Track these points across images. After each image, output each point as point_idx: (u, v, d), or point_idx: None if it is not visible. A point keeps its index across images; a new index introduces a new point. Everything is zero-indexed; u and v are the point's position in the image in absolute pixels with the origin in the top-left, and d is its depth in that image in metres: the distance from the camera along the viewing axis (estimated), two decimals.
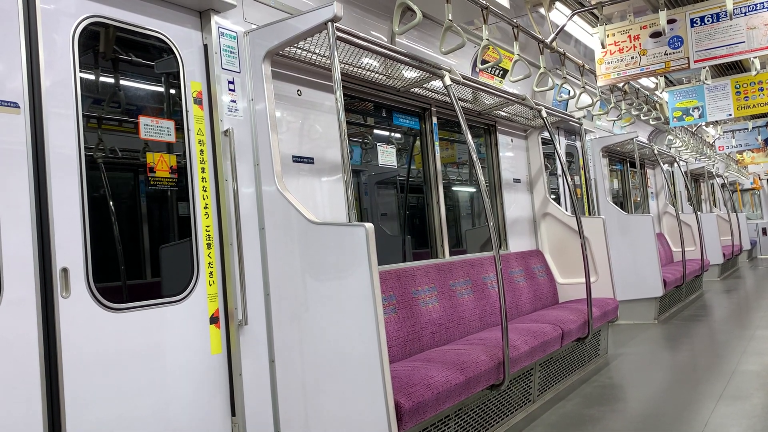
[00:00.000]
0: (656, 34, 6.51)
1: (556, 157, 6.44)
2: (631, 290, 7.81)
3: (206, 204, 3.23)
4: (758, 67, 8.26)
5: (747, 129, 13.35)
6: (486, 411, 3.99)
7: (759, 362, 5.36)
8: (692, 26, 6.36)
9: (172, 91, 3.26)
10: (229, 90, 3.38)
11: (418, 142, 5.40)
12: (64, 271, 2.60)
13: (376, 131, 5.71)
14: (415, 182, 5.80)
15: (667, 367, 5.51)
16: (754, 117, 13.00)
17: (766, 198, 18.85)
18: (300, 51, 3.68)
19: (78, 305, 2.63)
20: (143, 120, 3.06)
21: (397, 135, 5.76)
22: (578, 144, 8.41)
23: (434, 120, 5.23)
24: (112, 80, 3.11)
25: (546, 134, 6.74)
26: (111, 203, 3.01)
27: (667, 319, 8.02)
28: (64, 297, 2.59)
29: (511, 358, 3.93)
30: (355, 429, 3.00)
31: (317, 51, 3.73)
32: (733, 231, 13.98)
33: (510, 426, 4.17)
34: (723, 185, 15.45)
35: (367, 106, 5.05)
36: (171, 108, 3.26)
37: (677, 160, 11.14)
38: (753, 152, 16.42)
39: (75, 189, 2.70)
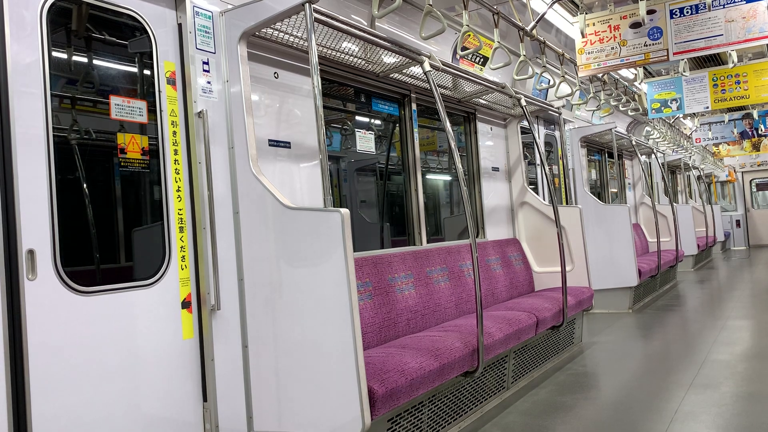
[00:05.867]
0: (636, 25, 6.53)
1: (535, 146, 6.45)
2: (607, 279, 7.88)
3: (179, 187, 3.17)
4: (735, 60, 8.33)
5: (723, 122, 13.50)
6: (460, 398, 4.00)
7: (729, 352, 5.44)
8: (671, 17, 6.38)
9: (146, 72, 3.19)
10: (204, 71, 3.32)
11: (397, 129, 5.37)
12: (30, 252, 2.54)
13: (355, 117, 5.66)
14: (395, 170, 5.77)
15: (640, 355, 5.57)
16: (730, 110, 13.15)
17: (741, 191, 19.13)
18: (277, 33, 3.62)
19: (44, 288, 2.57)
20: (114, 100, 2.99)
21: (377, 121, 5.71)
22: (557, 134, 8.44)
23: (413, 107, 5.19)
24: (83, 59, 3.03)
25: (525, 123, 6.74)
26: (81, 185, 2.94)
27: (642, 309, 8.11)
28: (30, 279, 2.53)
29: (485, 346, 3.94)
30: (328, 414, 2.99)
31: (295, 33, 3.68)
32: (708, 223, 14.18)
33: (483, 413, 4.19)
34: (699, 177, 15.64)
35: (347, 91, 5.00)
36: (144, 88, 3.19)
37: (655, 151, 11.24)
38: (729, 145, 16.63)
39: (42, 169, 2.63)
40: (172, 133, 3.18)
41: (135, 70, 3.21)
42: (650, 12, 6.44)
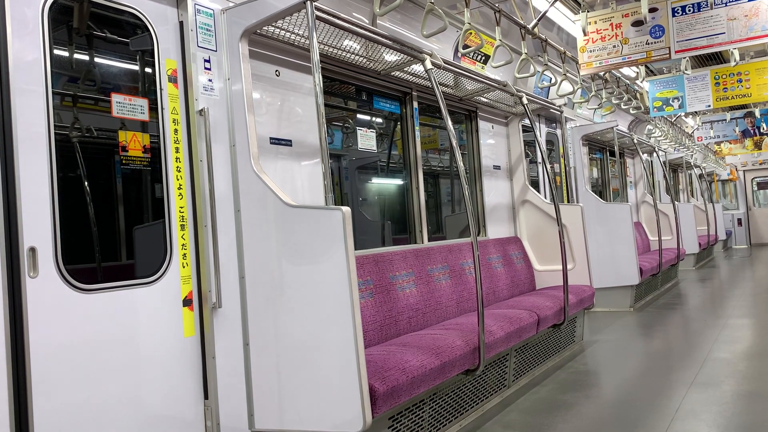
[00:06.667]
0: (638, 23, 6.51)
1: (536, 144, 6.44)
2: (608, 278, 7.88)
3: (180, 185, 3.17)
4: (737, 58, 8.30)
5: (725, 120, 13.48)
6: (461, 396, 4.00)
7: (730, 350, 5.44)
8: (673, 15, 6.37)
9: (147, 69, 3.19)
10: (205, 69, 3.31)
11: (399, 127, 5.37)
12: (32, 250, 2.54)
13: (356, 115, 5.66)
14: (396, 168, 5.77)
15: (641, 354, 5.57)
16: (732, 108, 13.13)
17: (742, 189, 19.11)
18: (279, 30, 3.62)
19: (46, 285, 2.58)
20: (116, 98, 2.99)
21: (378, 119, 5.71)
22: (558, 132, 8.43)
23: (415, 105, 5.19)
24: (84, 57, 3.03)
25: (527, 121, 6.73)
26: (82, 182, 2.94)
27: (643, 307, 8.11)
28: (32, 277, 2.53)
29: (486, 344, 3.94)
30: (330, 412, 2.99)
31: (296, 31, 3.68)
32: (710, 221, 14.16)
33: (484, 411, 4.19)
34: (701, 176, 15.62)
35: (348, 89, 5.00)
36: (145, 86, 3.19)
37: (656, 149, 11.23)
38: (730, 143, 16.60)
39: (44, 167, 2.63)
40: (173, 131, 3.18)
41: (136, 67, 3.21)
42: (652, 10, 6.42)
